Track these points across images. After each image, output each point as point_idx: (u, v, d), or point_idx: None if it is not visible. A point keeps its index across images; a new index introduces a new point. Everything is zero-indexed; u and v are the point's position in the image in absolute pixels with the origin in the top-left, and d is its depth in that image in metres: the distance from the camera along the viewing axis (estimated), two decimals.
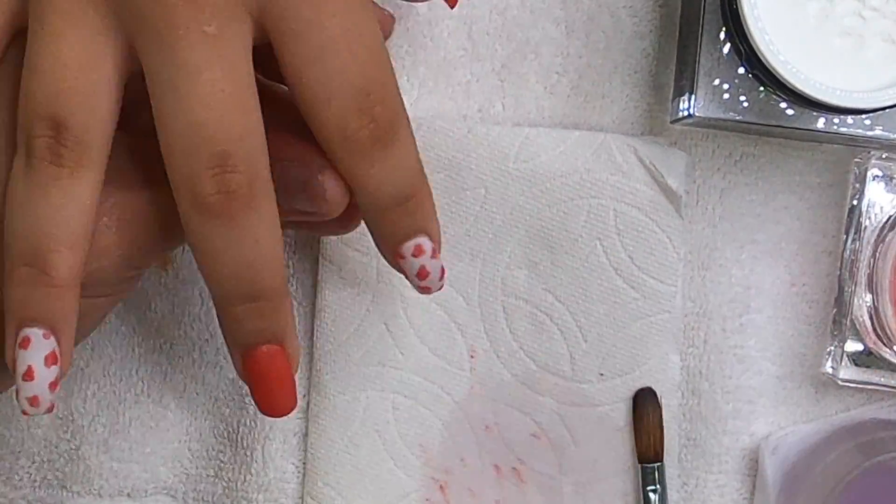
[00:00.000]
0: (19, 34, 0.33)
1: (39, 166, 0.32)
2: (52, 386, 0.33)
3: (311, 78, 0.33)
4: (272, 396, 0.36)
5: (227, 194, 0.32)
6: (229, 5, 0.32)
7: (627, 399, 0.45)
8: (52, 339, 0.33)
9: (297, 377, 0.36)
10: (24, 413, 0.33)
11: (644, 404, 0.45)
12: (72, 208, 0.32)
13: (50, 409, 0.34)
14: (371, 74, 0.34)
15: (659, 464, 0.45)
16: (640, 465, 0.45)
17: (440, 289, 0.39)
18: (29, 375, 0.33)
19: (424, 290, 0.38)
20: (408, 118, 0.35)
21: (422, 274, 0.37)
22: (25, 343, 0.33)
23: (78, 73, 0.32)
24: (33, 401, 0.33)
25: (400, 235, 0.37)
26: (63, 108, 0.31)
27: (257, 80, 0.33)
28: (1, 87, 0.33)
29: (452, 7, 0.40)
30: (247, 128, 0.32)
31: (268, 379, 0.36)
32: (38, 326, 0.33)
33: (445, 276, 0.38)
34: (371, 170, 0.35)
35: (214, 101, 0.31)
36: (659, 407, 0.45)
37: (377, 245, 0.38)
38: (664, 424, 0.45)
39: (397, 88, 0.35)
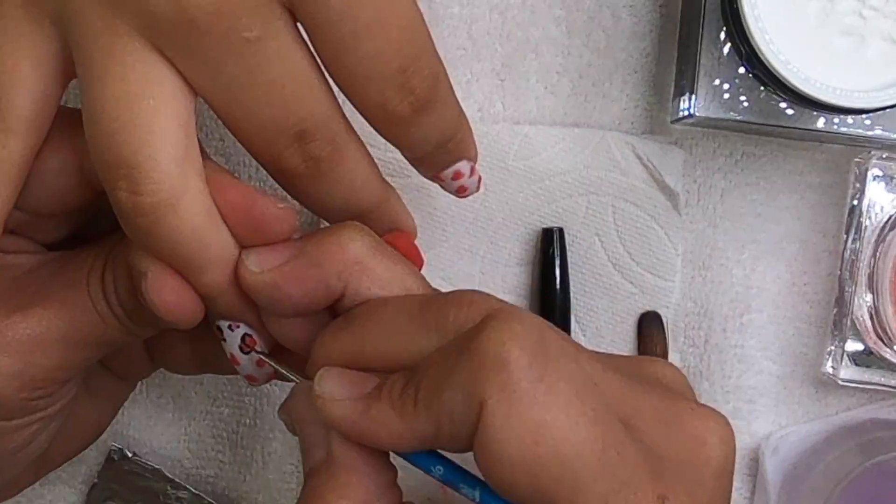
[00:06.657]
0: None
1: None
2: None
3: (346, 64, 0.33)
4: None
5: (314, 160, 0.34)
6: None
7: None
8: None
9: None
10: None
11: (649, 328, 0.45)
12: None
13: None
14: (406, 51, 0.33)
15: None
16: None
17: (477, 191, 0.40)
18: None
19: (461, 197, 0.40)
20: (444, 69, 0.35)
21: (460, 190, 0.39)
22: None
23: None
24: None
25: (441, 167, 0.38)
26: None
27: None
28: None
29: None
30: (321, 105, 0.33)
31: None
32: None
33: (482, 183, 0.40)
34: (414, 133, 0.35)
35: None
36: (664, 333, 0.45)
37: (417, 170, 0.38)
38: None
39: (433, 49, 0.34)
